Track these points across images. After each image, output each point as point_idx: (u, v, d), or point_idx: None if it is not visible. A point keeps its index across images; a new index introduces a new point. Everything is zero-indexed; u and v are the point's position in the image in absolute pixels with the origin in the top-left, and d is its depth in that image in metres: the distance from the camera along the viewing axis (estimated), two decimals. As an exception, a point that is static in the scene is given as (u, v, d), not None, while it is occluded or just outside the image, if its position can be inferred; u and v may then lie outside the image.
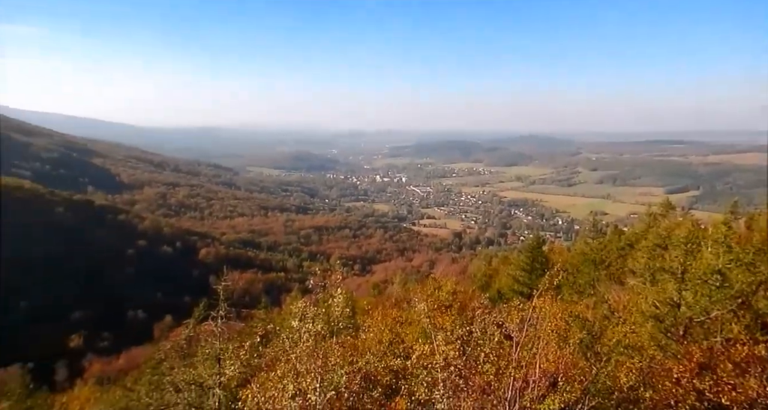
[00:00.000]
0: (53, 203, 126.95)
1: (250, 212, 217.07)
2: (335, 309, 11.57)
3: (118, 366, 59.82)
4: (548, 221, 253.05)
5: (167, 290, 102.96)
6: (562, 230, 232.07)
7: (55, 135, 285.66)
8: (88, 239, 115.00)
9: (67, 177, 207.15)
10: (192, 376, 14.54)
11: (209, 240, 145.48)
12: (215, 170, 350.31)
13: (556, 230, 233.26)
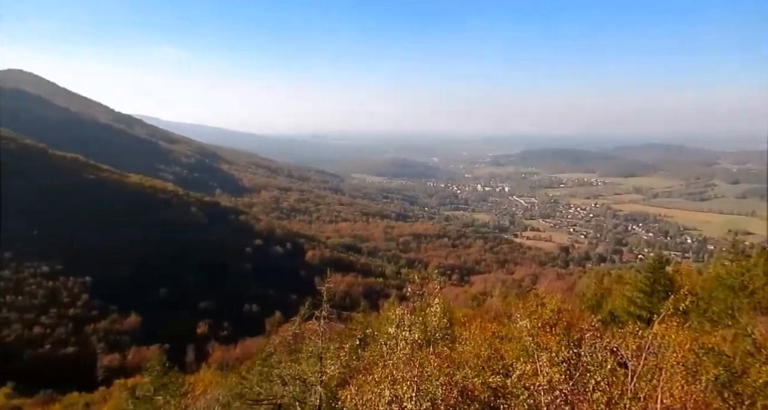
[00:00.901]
0: (189, 203, 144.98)
1: (353, 217, 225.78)
2: (432, 319, 11.51)
3: (235, 355, 65.80)
4: (674, 239, 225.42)
5: (277, 287, 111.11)
6: (691, 249, 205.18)
7: (192, 143, 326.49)
8: (215, 236, 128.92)
9: (200, 180, 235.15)
10: (297, 371, 15.49)
11: (315, 243, 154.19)
12: (323, 175, 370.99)
13: (684, 249, 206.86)
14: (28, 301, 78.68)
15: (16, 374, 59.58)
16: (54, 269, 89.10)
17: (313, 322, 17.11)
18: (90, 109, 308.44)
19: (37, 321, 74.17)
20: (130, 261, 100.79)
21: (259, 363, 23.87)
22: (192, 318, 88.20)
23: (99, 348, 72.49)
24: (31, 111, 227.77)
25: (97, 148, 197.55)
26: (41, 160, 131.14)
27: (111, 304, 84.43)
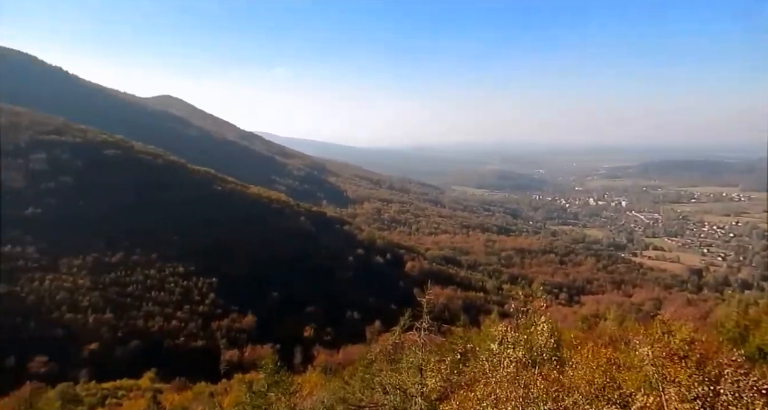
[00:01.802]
0: (299, 212, 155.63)
1: (453, 229, 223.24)
2: (539, 338, 10.92)
3: (338, 359, 68.55)
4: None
5: (377, 296, 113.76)
6: None
7: (304, 157, 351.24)
8: (321, 244, 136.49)
9: (309, 192, 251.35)
10: (398, 381, 15.68)
11: (415, 254, 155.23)
12: (423, 187, 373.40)
13: None
14: (167, 297, 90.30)
15: (157, 361, 68.59)
16: (188, 270, 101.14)
17: (414, 333, 17.21)
18: (221, 127, 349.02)
19: (174, 316, 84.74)
20: (249, 265, 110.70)
21: (361, 370, 24.59)
22: (299, 321, 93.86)
23: (222, 344, 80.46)
24: (175, 130, 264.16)
25: (225, 162, 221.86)
26: (182, 173, 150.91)
27: (232, 304, 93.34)
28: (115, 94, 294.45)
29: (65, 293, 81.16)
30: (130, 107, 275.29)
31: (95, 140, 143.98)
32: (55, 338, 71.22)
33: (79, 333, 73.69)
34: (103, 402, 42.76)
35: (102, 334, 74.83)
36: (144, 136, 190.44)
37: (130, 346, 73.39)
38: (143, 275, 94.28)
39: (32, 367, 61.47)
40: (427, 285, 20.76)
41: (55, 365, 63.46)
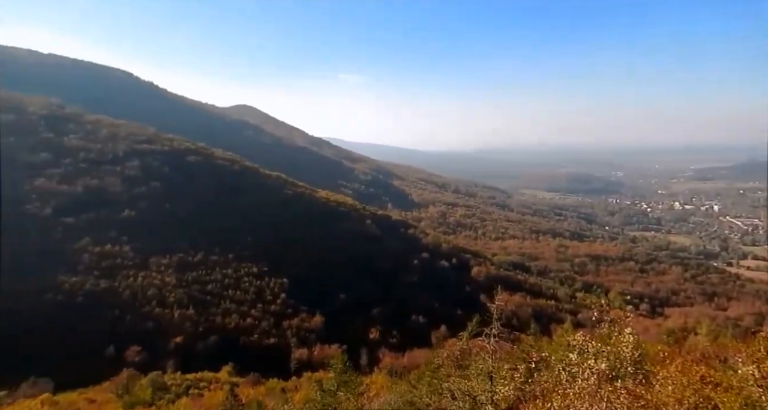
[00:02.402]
0: (365, 216, 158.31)
1: (522, 234, 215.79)
2: (623, 350, 10.22)
3: (403, 363, 68.67)
4: None
5: (442, 301, 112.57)
6: None
7: (370, 161, 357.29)
8: (386, 247, 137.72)
9: (374, 195, 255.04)
10: (467, 387, 15.40)
11: (481, 259, 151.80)
12: (489, 191, 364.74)
13: None
14: (243, 296, 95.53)
15: (234, 355, 72.74)
16: (261, 270, 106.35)
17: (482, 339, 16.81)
18: (291, 134, 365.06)
19: (248, 313, 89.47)
20: (318, 267, 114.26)
21: (428, 374, 24.42)
22: (365, 322, 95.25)
23: (292, 342, 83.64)
24: (250, 138, 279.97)
25: (295, 167, 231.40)
26: (255, 178, 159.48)
27: (302, 304, 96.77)
28: (197, 105, 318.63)
29: (155, 290, 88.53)
30: (211, 117, 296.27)
31: (180, 148, 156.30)
32: (147, 330, 77.90)
33: (167, 327, 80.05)
34: (186, 392, 46.12)
35: (186, 328, 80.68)
36: (223, 143, 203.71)
37: (209, 341, 78.43)
38: (221, 275, 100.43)
39: (128, 356, 67.71)
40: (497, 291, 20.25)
41: (147, 355, 69.38)
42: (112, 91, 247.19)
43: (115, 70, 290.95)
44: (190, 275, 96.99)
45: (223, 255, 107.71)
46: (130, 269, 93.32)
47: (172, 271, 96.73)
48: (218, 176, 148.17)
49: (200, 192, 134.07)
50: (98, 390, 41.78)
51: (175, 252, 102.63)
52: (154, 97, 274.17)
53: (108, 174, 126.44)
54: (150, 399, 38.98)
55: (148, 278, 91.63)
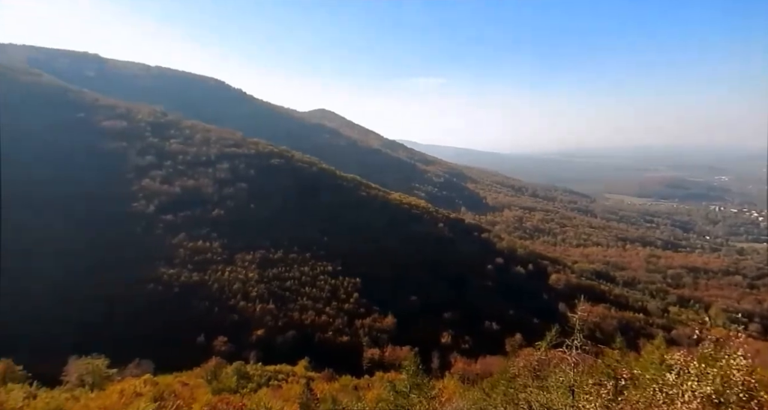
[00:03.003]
0: (437, 218, 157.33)
1: (606, 242, 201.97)
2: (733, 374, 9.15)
3: (476, 369, 67.13)
4: None
5: (517, 308, 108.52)
6: None
7: (443, 164, 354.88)
8: (459, 251, 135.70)
9: (447, 198, 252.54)
10: (546, 400, 14.67)
11: (560, 267, 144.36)
12: (570, 195, 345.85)
13: None
14: (318, 293, 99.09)
15: (309, 351, 75.70)
16: (335, 269, 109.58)
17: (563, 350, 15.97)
18: (367, 136, 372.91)
19: (323, 311, 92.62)
20: (390, 268, 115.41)
21: (503, 383, 23.60)
22: (437, 326, 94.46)
23: (364, 341, 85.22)
24: (327, 140, 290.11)
25: (370, 169, 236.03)
26: (332, 180, 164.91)
27: (374, 304, 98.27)
28: (279, 109, 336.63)
29: (239, 284, 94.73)
30: (292, 121, 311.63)
31: (264, 151, 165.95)
32: (232, 322, 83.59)
33: (250, 320, 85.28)
34: (267, 383, 48.79)
35: (266, 322, 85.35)
36: (302, 146, 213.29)
37: (287, 335, 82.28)
38: (299, 272, 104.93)
39: (216, 345, 73.14)
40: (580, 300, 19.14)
41: (232, 345, 74.44)
42: (206, 98, 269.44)
43: (209, 79, 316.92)
44: (271, 272, 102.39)
45: (301, 254, 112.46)
46: (219, 264, 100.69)
47: (254, 267, 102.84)
48: (298, 177, 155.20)
49: (281, 193, 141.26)
50: (191, 375, 45.64)
51: (258, 249, 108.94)
52: (242, 103, 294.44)
53: (201, 176, 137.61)
54: (235, 386, 41.78)
55: (234, 273, 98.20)
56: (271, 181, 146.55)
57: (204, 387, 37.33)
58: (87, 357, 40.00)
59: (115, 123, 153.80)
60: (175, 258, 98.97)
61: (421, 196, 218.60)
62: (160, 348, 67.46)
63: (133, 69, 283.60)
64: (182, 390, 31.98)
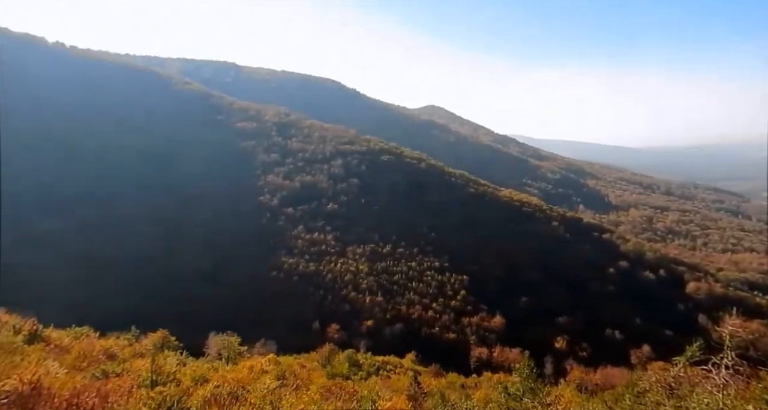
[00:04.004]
0: (551, 217, 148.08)
1: (763, 248, 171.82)
2: None
3: (595, 379, 62.02)
4: None
5: (645, 317, 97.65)
6: None
7: (559, 159, 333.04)
8: (576, 252, 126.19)
9: (563, 195, 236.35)
10: (688, 422, 12.93)
11: (701, 274, 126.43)
12: (715, 194, 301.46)
13: None
14: (425, 289, 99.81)
15: (416, 345, 76.65)
16: (442, 265, 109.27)
17: (706, 368, 13.87)
18: (476, 132, 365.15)
19: (430, 306, 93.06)
20: (499, 266, 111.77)
21: (630, 398, 21.42)
22: (550, 330, 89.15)
23: (471, 340, 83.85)
24: (436, 136, 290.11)
25: (479, 165, 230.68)
26: (440, 176, 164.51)
27: (482, 302, 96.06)
28: (390, 107, 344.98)
29: (350, 276, 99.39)
30: (402, 118, 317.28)
31: (375, 148, 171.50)
32: (344, 311, 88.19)
33: (360, 310, 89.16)
34: (377, 372, 50.40)
35: (375, 314, 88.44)
36: (412, 142, 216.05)
37: (395, 328, 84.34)
38: (406, 267, 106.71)
39: (329, 332, 77.85)
40: (730, 313, 16.43)
41: (344, 333, 78.60)
42: (324, 98, 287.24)
43: (327, 80, 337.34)
44: (380, 265, 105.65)
45: (408, 248, 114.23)
46: (332, 255, 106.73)
47: (364, 260, 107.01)
48: (406, 173, 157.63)
49: (391, 189, 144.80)
50: (307, 358, 49.11)
51: (368, 243, 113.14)
52: (356, 102, 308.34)
53: (318, 172, 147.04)
54: (347, 373, 43.88)
55: (346, 265, 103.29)
56: (381, 177, 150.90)
57: (319, 371, 39.78)
58: (223, 334, 45.23)
59: (247, 124, 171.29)
60: (294, 248, 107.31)
61: (533, 193, 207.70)
62: (280, 329, 73.82)
63: (263, 74, 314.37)
64: (301, 371, 34.36)
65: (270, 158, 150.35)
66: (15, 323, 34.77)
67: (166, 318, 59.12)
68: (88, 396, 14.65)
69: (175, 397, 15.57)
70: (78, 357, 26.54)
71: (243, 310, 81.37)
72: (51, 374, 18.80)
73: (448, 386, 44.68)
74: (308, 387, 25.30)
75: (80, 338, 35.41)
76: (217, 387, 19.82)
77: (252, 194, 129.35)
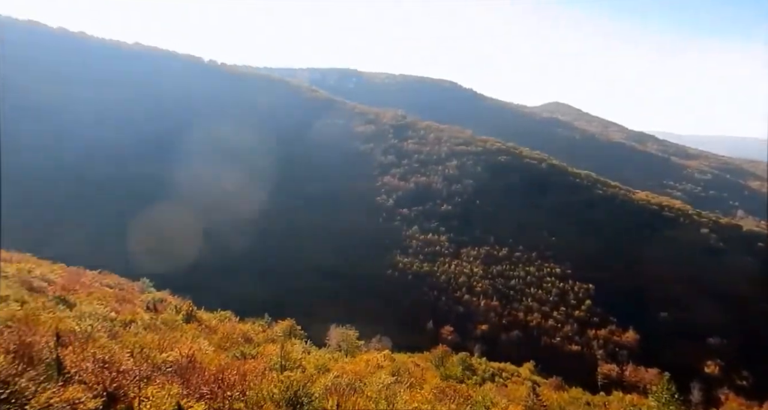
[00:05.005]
0: (699, 223, 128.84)
1: None
2: None
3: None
4: None
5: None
6: None
7: (711, 157, 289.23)
8: (732, 264, 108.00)
9: (716, 199, 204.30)
10: None
11: None
12: None
13: None
14: (544, 296, 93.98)
15: (534, 354, 72.37)
16: (564, 272, 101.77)
17: None
18: (607, 129, 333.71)
19: (550, 315, 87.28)
20: (631, 275, 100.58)
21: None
22: (698, 352, 77.52)
23: (599, 355, 76.58)
24: (560, 135, 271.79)
25: (608, 165, 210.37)
26: (562, 176, 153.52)
27: (610, 315, 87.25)
28: (509, 106, 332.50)
29: (464, 278, 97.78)
30: (522, 117, 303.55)
31: (491, 149, 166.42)
32: (458, 314, 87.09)
33: (474, 313, 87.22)
34: (492, 378, 48.67)
35: (490, 318, 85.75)
36: (532, 142, 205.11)
37: (511, 334, 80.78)
38: (524, 272, 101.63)
39: (443, 334, 77.45)
40: None
41: (457, 336, 77.53)
42: (441, 99, 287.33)
43: (444, 82, 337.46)
44: (495, 269, 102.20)
45: (526, 252, 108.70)
46: (446, 256, 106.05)
47: (479, 262, 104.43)
48: (525, 174, 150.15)
49: (507, 190, 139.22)
50: (421, 357, 49.23)
51: (483, 245, 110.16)
52: (472, 102, 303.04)
53: (433, 173, 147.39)
54: (460, 376, 43.12)
55: (459, 267, 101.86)
56: (498, 177, 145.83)
57: (432, 371, 39.69)
58: (342, 327, 47.61)
59: (366, 127, 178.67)
60: (408, 248, 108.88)
61: (676, 196, 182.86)
62: (395, 326, 75.26)
63: (382, 78, 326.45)
64: (414, 369, 34.60)
65: (386, 160, 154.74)
66: (176, 303, 40.92)
67: (291, 308, 64.08)
68: (230, 373, 16.60)
69: (301, 383, 16.78)
70: (222, 337, 30.15)
71: (360, 305, 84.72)
72: (202, 350, 21.66)
73: (570, 401, 41.28)
74: (422, 386, 25.28)
75: (224, 321, 40.34)
76: (337, 377, 20.87)
77: (369, 194, 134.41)
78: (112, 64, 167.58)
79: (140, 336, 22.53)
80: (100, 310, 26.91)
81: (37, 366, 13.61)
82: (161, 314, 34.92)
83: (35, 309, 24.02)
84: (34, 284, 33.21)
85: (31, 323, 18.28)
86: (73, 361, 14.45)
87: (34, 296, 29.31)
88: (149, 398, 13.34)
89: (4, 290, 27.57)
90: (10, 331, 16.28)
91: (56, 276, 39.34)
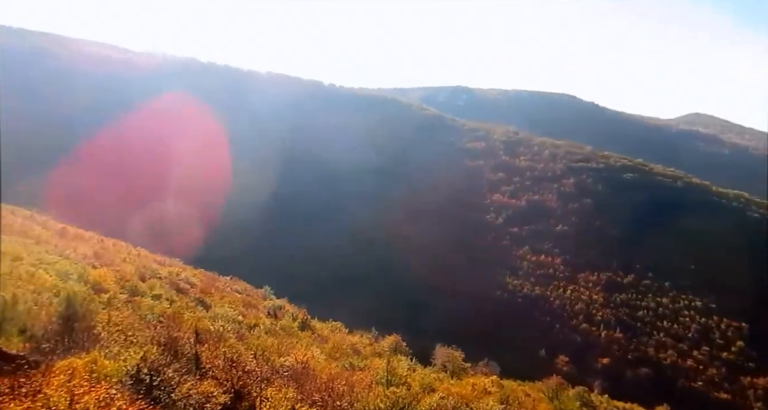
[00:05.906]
0: None
1: None
2: None
3: None
4: None
5: None
6: None
7: None
8: None
9: None
10: None
11: None
12: None
13: None
14: (682, 332, 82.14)
15: (669, 396, 63.15)
16: (707, 306, 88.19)
17: None
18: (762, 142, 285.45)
19: (690, 354, 75.76)
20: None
21: None
22: None
23: (757, 407, 64.25)
24: (700, 150, 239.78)
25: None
26: (705, 197, 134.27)
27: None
28: (637, 119, 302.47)
29: (582, 305, 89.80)
30: (653, 130, 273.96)
31: (615, 165, 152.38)
32: (574, 343, 79.97)
33: (594, 345, 79.29)
34: (617, 419, 43.55)
35: (613, 351, 77.25)
36: (665, 158, 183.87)
37: (639, 372, 71.68)
38: (654, 302, 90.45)
39: (557, 363, 71.56)
40: None
41: (573, 367, 70.97)
42: (557, 114, 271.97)
43: (561, 95, 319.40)
44: (619, 297, 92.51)
45: (657, 281, 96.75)
46: (560, 280, 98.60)
47: (599, 289, 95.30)
48: (655, 193, 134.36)
49: (633, 210, 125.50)
50: (532, 387, 45.69)
51: (603, 270, 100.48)
52: (594, 115, 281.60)
53: (546, 191, 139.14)
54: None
55: (576, 293, 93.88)
56: (622, 196, 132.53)
57: (545, 404, 36.61)
58: (448, 347, 46.60)
59: (476, 144, 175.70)
60: (518, 270, 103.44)
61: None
62: (503, 350, 71.37)
63: (493, 94, 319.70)
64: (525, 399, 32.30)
65: (496, 177, 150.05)
66: (293, 311, 43.94)
67: (397, 322, 64.41)
68: (339, 382, 17.20)
69: (407, 400, 16.62)
70: (333, 347, 31.47)
71: (466, 325, 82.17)
72: (315, 358, 22.81)
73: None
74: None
75: (335, 331, 42.20)
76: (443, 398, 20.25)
77: (478, 211, 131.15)
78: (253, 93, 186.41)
79: (262, 339, 24.45)
80: (230, 313, 30.11)
81: (180, 359, 15.54)
82: (280, 320, 37.68)
83: (180, 307, 27.57)
84: (180, 286, 38.42)
85: (177, 320, 21.00)
86: (208, 358, 16.34)
87: (179, 296, 33.78)
88: (269, 399, 14.39)
89: (158, 289, 32.34)
90: (162, 326, 18.91)
91: (197, 280, 44.92)
